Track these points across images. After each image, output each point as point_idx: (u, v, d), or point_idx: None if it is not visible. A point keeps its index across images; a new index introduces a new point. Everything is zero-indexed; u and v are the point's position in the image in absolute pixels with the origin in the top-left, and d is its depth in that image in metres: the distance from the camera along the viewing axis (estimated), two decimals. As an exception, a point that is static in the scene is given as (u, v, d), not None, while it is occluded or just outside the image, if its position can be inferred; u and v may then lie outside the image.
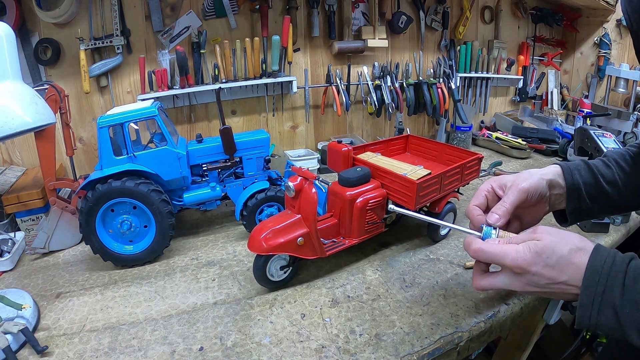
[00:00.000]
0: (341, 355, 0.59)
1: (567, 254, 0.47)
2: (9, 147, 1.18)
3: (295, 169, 0.78)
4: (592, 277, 0.45)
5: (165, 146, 0.86)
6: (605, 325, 0.44)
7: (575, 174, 0.64)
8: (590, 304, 0.45)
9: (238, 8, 1.31)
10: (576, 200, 0.63)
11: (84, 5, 1.13)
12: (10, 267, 0.86)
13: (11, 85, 0.75)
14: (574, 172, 0.64)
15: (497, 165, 1.42)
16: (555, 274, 0.47)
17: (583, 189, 0.63)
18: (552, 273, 0.47)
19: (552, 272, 0.47)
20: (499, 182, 0.63)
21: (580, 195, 0.63)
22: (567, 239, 0.49)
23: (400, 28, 1.56)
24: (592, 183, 0.63)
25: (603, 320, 0.44)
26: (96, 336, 0.65)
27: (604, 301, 0.44)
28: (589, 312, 0.45)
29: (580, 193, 0.63)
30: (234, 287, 0.77)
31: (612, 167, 0.64)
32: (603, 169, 0.64)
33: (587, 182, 0.63)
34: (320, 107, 1.52)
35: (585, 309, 0.45)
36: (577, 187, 0.63)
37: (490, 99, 1.94)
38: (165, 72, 1.22)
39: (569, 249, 0.47)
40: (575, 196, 0.63)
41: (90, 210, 0.79)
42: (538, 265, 0.48)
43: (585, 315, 0.45)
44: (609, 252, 0.46)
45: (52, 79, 1.15)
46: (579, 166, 0.65)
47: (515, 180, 0.61)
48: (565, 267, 0.47)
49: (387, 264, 0.83)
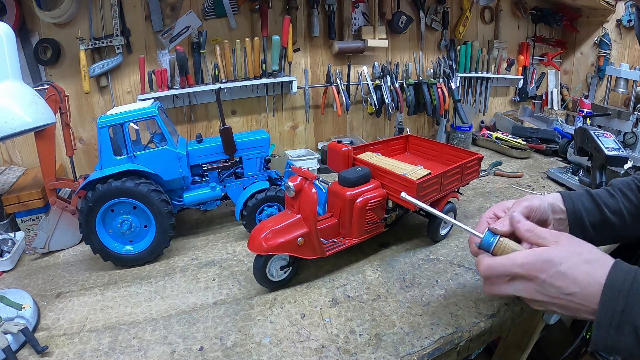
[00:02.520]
0: (341, 355, 0.59)
1: (582, 263, 0.44)
2: (9, 147, 1.18)
3: (295, 169, 0.78)
4: (611, 294, 0.41)
5: (165, 146, 0.86)
6: (624, 347, 0.41)
7: (577, 203, 0.63)
8: (609, 323, 0.41)
9: (238, 8, 1.31)
10: (580, 229, 0.62)
11: (84, 5, 1.13)
12: (10, 267, 0.86)
13: (11, 85, 0.75)
14: (576, 201, 0.63)
15: (497, 165, 1.42)
16: (566, 284, 0.44)
17: (586, 217, 0.62)
18: (563, 282, 0.44)
19: (563, 282, 0.44)
20: (501, 206, 0.62)
21: (584, 224, 0.62)
22: (584, 248, 0.46)
23: (400, 28, 1.56)
24: (595, 212, 0.62)
25: (622, 341, 0.41)
26: (96, 336, 0.65)
27: (624, 320, 0.40)
28: (607, 331, 0.41)
29: (584, 222, 0.62)
30: (234, 287, 0.77)
31: (617, 196, 0.63)
32: (607, 198, 0.63)
33: (590, 210, 0.62)
34: (320, 107, 1.52)
35: (602, 328, 0.42)
36: (580, 216, 0.62)
37: (490, 99, 1.94)
38: (165, 72, 1.22)
39: (584, 259, 0.45)
40: (578, 225, 0.62)
41: (90, 210, 0.79)
42: (549, 272, 0.45)
43: (602, 334, 0.42)
44: (630, 268, 0.43)
45: (52, 79, 1.15)
46: (582, 196, 0.64)
47: (518, 201, 0.60)
48: (578, 277, 0.44)
49: (387, 264, 0.83)
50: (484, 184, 1.30)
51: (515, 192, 1.21)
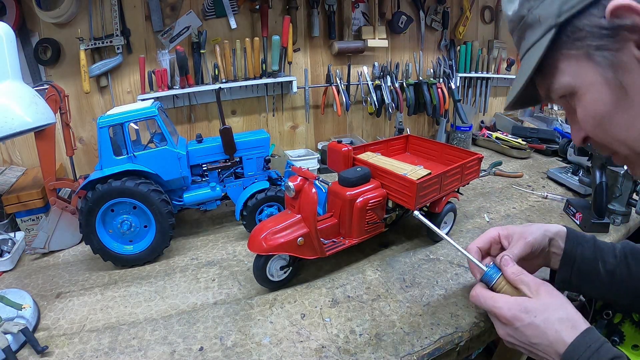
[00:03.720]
0: (341, 355, 0.59)
1: (556, 321, 0.47)
2: (9, 147, 1.18)
3: (295, 169, 0.77)
4: (572, 355, 0.45)
5: (165, 146, 0.86)
6: None
7: (577, 248, 0.63)
8: None
9: (238, 8, 1.31)
10: (568, 272, 0.63)
11: (84, 5, 1.13)
12: (10, 267, 0.86)
13: (11, 85, 0.75)
14: (577, 245, 0.63)
15: (497, 165, 1.42)
16: (535, 335, 0.48)
17: (578, 265, 0.62)
18: (533, 333, 0.48)
19: (533, 332, 0.48)
20: (507, 232, 0.65)
21: (573, 269, 0.62)
22: (562, 306, 0.49)
23: (400, 28, 1.56)
24: (590, 264, 0.62)
25: None
26: (96, 336, 0.65)
27: None
28: None
29: (574, 268, 0.62)
30: (234, 287, 0.77)
31: (618, 258, 0.61)
32: (609, 255, 0.62)
33: (586, 261, 0.62)
34: (320, 107, 1.52)
35: None
36: (573, 261, 0.62)
37: (490, 99, 1.94)
38: (165, 72, 1.22)
39: (558, 316, 0.47)
40: (568, 267, 0.63)
41: (90, 210, 0.79)
42: (523, 322, 0.49)
43: None
44: (598, 338, 0.45)
45: (52, 79, 1.15)
46: (586, 242, 0.64)
47: (522, 233, 0.63)
48: (548, 332, 0.47)
49: (387, 264, 0.83)
50: (484, 184, 1.30)
51: (515, 192, 1.21)
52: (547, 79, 0.46)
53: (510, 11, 0.47)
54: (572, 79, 0.43)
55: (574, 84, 0.43)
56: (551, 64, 0.44)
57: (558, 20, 0.40)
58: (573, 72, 0.42)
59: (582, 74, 0.41)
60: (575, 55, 0.41)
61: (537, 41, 0.43)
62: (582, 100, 0.43)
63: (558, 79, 0.44)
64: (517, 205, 1.12)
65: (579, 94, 0.43)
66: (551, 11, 0.41)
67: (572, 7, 0.39)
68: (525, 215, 1.05)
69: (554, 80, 0.45)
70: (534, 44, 0.44)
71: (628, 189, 0.96)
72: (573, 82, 0.43)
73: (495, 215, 1.06)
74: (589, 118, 0.43)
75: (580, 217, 0.98)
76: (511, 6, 0.46)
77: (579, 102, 0.44)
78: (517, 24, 0.46)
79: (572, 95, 0.44)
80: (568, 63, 0.42)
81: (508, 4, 0.47)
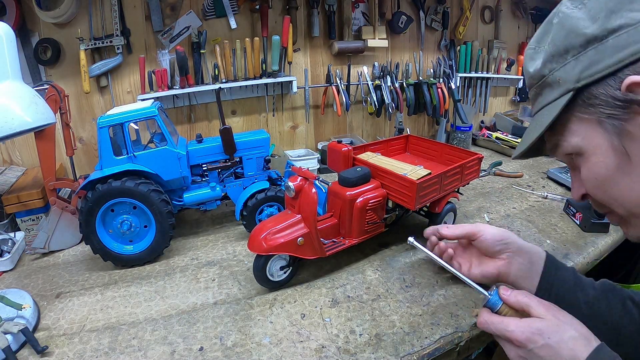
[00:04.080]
0: (341, 355, 0.59)
1: (569, 340, 0.47)
2: (9, 147, 1.18)
3: (295, 169, 0.78)
4: None
5: (165, 146, 0.86)
6: None
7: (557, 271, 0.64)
8: None
9: (238, 8, 1.31)
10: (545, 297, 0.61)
11: (84, 5, 1.14)
12: (10, 267, 0.86)
13: (11, 85, 0.75)
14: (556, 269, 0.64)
15: (497, 165, 1.42)
16: (549, 355, 0.47)
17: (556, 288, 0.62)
18: (547, 354, 0.48)
19: (548, 353, 0.48)
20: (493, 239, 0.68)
21: (551, 293, 0.62)
22: (572, 324, 0.49)
23: (400, 28, 1.56)
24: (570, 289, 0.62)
25: None
26: (96, 336, 0.65)
27: None
28: None
29: (552, 291, 0.62)
30: (234, 287, 0.77)
31: (598, 291, 0.62)
32: (588, 287, 0.62)
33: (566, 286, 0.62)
34: (320, 107, 1.52)
35: None
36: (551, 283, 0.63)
37: (490, 99, 1.94)
38: (165, 72, 1.22)
39: (571, 335, 0.48)
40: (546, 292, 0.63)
41: (90, 210, 0.79)
42: (537, 344, 0.48)
43: None
44: (610, 354, 0.46)
45: (52, 79, 1.15)
46: (568, 269, 0.65)
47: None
48: (562, 352, 0.47)
49: (387, 264, 0.83)
50: (484, 184, 1.29)
51: (515, 192, 1.21)
52: (556, 136, 0.48)
53: (531, 68, 0.49)
54: (581, 140, 0.45)
55: (582, 145, 0.45)
56: (563, 123, 0.46)
57: (576, 85, 0.43)
58: (583, 134, 0.45)
59: (591, 137, 0.44)
60: (587, 119, 0.44)
61: (553, 100, 0.46)
62: (587, 162, 0.46)
63: (568, 138, 0.47)
64: (517, 205, 1.12)
65: (585, 155, 0.45)
66: (571, 75, 0.43)
67: (591, 75, 0.41)
68: (525, 215, 1.05)
69: (563, 139, 0.47)
70: (551, 103, 0.47)
71: (628, 189, 0.96)
72: (581, 144, 0.45)
73: (495, 215, 1.06)
74: (592, 178, 0.46)
75: (580, 217, 0.98)
76: (533, 64, 0.49)
77: (584, 163, 0.46)
78: (537, 81, 0.49)
79: (578, 155, 0.47)
80: (579, 125, 0.45)
81: (530, 62, 0.49)
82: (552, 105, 0.46)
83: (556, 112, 0.45)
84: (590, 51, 0.41)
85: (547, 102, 0.47)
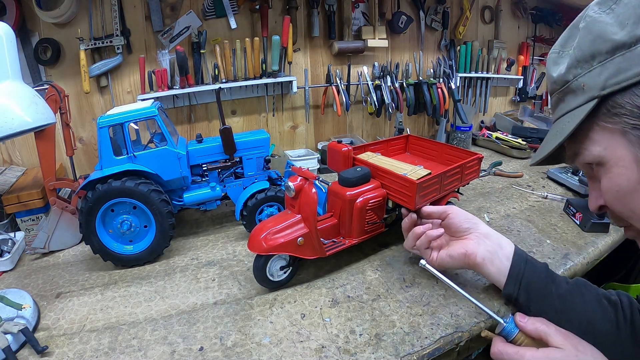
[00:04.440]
0: (341, 355, 0.59)
1: None
2: (9, 147, 1.18)
3: (295, 169, 0.77)
4: None
5: (165, 146, 0.86)
6: None
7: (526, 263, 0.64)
8: None
9: (238, 8, 1.31)
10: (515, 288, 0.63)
11: (84, 5, 1.14)
12: (10, 267, 0.86)
13: (11, 85, 0.75)
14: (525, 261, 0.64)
15: (497, 165, 1.42)
16: None
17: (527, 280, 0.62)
18: None
19: None
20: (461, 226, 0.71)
21: (522, 285, 0.62)
22: (593, 355, 0.48)
23: (400, 28, 1.56)
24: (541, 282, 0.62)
25: None
26: (96, 336, 0.65)
27: None
28: None
29: (522, 282, 0.62)
30: (234, 287, 0.77)
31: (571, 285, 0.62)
32: (561, 280, 0.62)
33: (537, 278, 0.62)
34: (320, 107, 1.52)
35: None
36: (520, 274, 0.63)
37: (490, 99, 1.94)
38: (165, 72, 1.22)
39: None
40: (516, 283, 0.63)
41: (90, 210, 0.79)
42: None
43: None
44: None
45: (52, 79, 1.15)
46: (539, 263, 0.65)
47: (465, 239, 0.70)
48: None
49: (387, 264, 0.83)
50: (484, 184, 1.29)
51: (515, 192, 1.21)
52: (577, 144, 0.47)
53: (555, 73, 0.47)
54: (603, 150, 0.43)
55: (604, 155, 0.44)
56: (585, 131, 0.45)
57: (601, 92, 0.41)
58: (605, 144, 0.43)
59: (614, 147, 0.42)
60: (610, 128, 0.42)
61: (576, 107, 0.44)
62: (609, 172, 0.44)
63: (589, 147, 0.45)
64: (517, 205, 1.12)
65: (607, 166, 0.44)
66: (597, 82, 0.42)
67: (617, 83, 0.40)
68: (525, 215, 1.05)
69: (584, 147, 0.46)
70: (573, 110, 0.45)
71: (628, 189, 0.96)
72: (603, 154, 0.44)
73: (495, 215, 1.06)
74: (612, 190, 0.44)
75: (580, 217, 0.98)
76: (557, 69, 0.47)
77: (605, 173, 0.44)
78: (559, 86, 0.47)
79: (599, 165, 0.45)
80: (602, 134, 0.43)
81: (553, 67, 0.48)
82: (574, 112, 0.45)
83: (579, 120, 0.43)
84: (618, 58, 0.40)
85: (570, 108, 0.46)
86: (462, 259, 0.68)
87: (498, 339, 0.54)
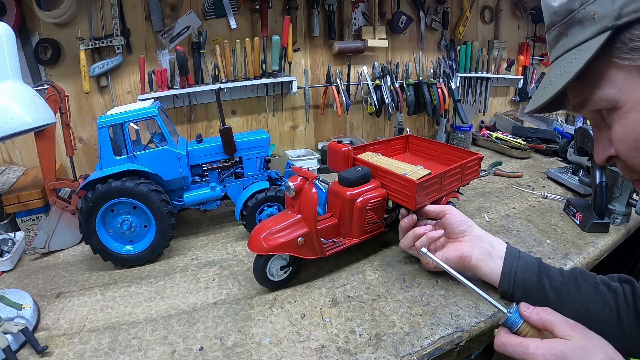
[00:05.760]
0: (341, 355, 0.59)
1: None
2: (9, 147, 1.18)
3: (295, 169, 0.77)
4: None
5: (165, 146, 0.86)
6: None
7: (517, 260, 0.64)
8: None
9: (238, 8, 1.31)
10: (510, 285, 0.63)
11: (84, 5, 1.14)
12: (10, 267, 0.86)
13: (11, 85, 0.75)
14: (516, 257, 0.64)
15: (497, 165, 1.42)
16: None
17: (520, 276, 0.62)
18: None
19: None
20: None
21: (516, 281, 0.62)
22: (601, 346, 0.45)
23: (400, 28, 1.56)
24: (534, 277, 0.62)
25: None
26: (96, 336, 0.65)
27: None
28: None
29: (516, 279, 0.62)
30: (234, 287, 0.77)
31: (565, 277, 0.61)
32: (555, 273, 0.62)
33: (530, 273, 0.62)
34: (320, 107, 1.52)
35: None
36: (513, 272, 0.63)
37: (490, 99, 1.94)
38: (165, 72, 1.22)
39: (599, 359, 0.43)
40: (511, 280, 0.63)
41: (90, 210, 0.79)
42: None
43: None
44: None
45: (52, 79, 1.15)
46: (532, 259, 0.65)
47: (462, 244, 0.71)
48: None
49: (387, 264, 0.83)
50: (484, 184, 1.29)
51: (515, 192, 1.21)
52: (587, 87, 0.40)
53: (556, 2, 0.40)
54: (618, 92, 0.37)
55: (619, 98, 0.38)
56: (595, 70, 0.38)
57: (616, 22, 0.35)
58: (620, 84, 0.37)
59: (631, 88, 0.37)
60: (626, 66, 0.36)
61: (585, 41, 0.38)
62: (624, 118, 0.38)
63: (602, 89, 0.39)
64: (517, 205, 1.12)
65: (622, 110, 0.38)
66: (610, 10, 0.35)
67: (635, 10, 0.34)
68: (525, 215, 1.05)
69: (595, 90, 0.39)
70: (580, 44, 0.38)
71: (628, 189, 0.96)
72: (618, 96, 0.38)
73: (495, 215, 1.06)
74: (628, 138, 0.38)
75: (580, 217, 0.98)
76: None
77: (619, 119, 0.39)
78: (562, 18, 0.40)
79: (612, 110, 0.39)
80: (617, 73, 0.37)
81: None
82: (583, 46, 0.38)
83: (590, 55, 0.36)
84: None
85: (576, 43, 0.38)
86: (457, 261, 0.69)
87: (502, 330, 0.52)
